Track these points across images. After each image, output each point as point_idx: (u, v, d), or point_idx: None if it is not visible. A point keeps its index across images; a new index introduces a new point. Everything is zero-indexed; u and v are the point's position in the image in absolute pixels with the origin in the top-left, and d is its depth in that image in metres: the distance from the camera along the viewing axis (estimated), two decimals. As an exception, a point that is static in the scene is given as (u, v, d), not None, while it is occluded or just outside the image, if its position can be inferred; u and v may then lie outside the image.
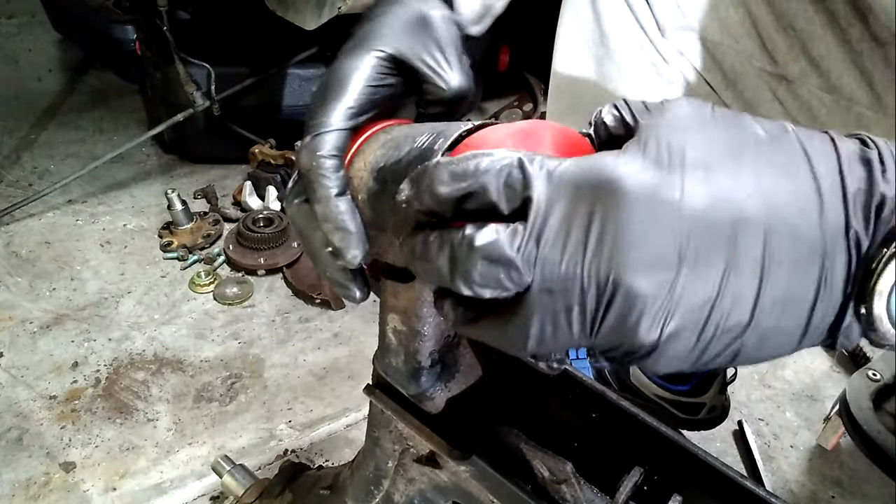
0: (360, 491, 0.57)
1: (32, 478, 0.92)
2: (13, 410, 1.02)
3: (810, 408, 1.13)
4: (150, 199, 1.62)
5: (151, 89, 1.80)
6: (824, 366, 1.24)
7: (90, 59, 2.32)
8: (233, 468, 0.81)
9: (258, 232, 1.37)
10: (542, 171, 0.27)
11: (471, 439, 0.51)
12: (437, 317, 0.41)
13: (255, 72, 1.65)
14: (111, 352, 1.15)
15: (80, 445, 0.97)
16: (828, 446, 1.04)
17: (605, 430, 0.47)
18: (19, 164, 1.75)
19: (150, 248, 1.44)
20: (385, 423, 0.51)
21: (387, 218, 0.38)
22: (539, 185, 0.27)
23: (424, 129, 0.38)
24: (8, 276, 1.32)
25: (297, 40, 1.66)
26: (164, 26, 1.49)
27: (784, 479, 1.01)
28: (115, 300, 1.27)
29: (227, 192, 1.66)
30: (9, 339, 1.16)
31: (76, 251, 1.41)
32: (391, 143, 0.39)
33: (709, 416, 1.01)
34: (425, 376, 0.44)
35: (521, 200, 0.28)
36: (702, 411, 1.01)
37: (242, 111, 1.68)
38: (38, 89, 2.18)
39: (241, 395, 1.07)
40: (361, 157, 0.40)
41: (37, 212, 1.53)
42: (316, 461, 0.98)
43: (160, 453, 0.97)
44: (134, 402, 1.05)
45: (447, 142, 0.34)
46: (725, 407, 1.03)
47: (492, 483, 0.44)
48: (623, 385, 1.02)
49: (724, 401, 1.02)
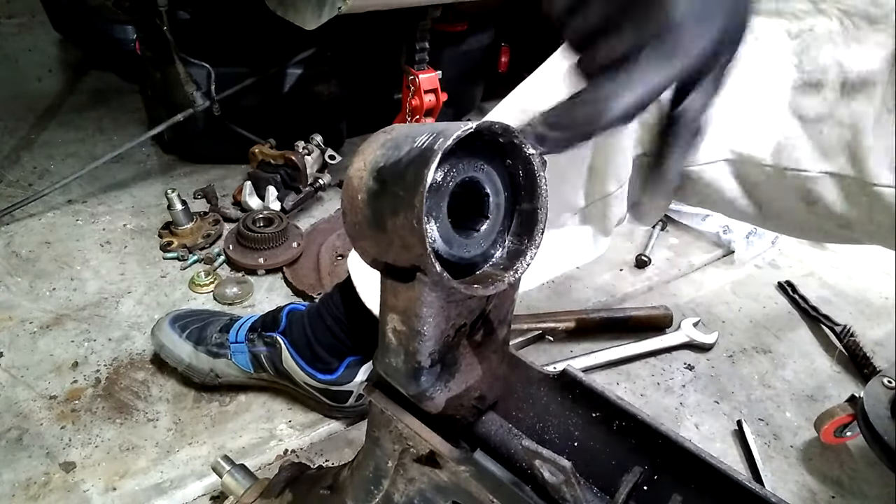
0: (360, 491, 0.57)
1: (32, 478, 0.92)
2: (13, 410, 1.02)
3: (810, 408, 1.13)
4: (150, 199, 1.62)
5: (151, 89, 1.81)
6: (824, 366, 1.24)
7: (90, 59, 2.32)
8: (233, 468, 0.81)
9: (258, 232, 1.37)
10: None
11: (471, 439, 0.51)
12: (437, 317, 0.41)
13: (255, 72, 1.65)
14: (111, 352, 1.15)
15: (80, 445, 0.97)
16: (820, 436, 1.05)
17: (605, 430, 0.47)
18: (19, 164, 1.75)
19: (150, 248, 1.44)
20: (385, 423, 0.51)
21: (387, 217, 0.38)
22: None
23: (424, 129, 0.38)
24: (8, 276, 1.32)
25: (297, 40, 1.66)
26: (164, 26, 1.49)
27: (784, 479, 1.01)
28: (115, 300, 1.27)
29: (227, 192, 1.67)
30: (9, 339, 1.16)
31: (76, 251, 1.42)
32: (391, 143, 0.39)
33: (357, 403, 1.02)
34: (425, 376, 0.44)
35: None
36: (349, 399, 1.01)
37: (242, 111, 1.68)
38: (38, 89, 2.18)
39: (241, 395, 1.07)
40: (361, 157, 0.40)
41: (37, 212, 1.53)
42: (316, 461, 0.98)
43: (160, 453, 0.97)
44: (134, 402, 1.05)
45: (447, 141, 0.34)
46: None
47: (492, 483, 0.44)
48: (277, 370, 1.01)
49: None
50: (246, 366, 1.02)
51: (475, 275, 0.41)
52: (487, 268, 0.42)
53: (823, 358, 1.26)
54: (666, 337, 1.26)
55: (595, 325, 1.26)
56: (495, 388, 0.51)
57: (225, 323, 1.07)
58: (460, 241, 0.39)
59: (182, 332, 1.05)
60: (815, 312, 1.35)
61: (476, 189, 0.40)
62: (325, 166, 1.69)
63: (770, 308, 1.40)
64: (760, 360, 1.25)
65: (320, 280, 1.34)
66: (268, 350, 1.01)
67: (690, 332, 1.26)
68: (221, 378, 1.04)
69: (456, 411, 0.49)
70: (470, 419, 0.51)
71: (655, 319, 1.29)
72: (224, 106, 1.64)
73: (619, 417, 0.46)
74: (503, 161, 0.41)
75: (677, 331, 1.27)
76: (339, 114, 1.85)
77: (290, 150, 1.59)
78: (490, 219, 0.41)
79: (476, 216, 0.41)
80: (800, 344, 1.30)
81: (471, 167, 0.39)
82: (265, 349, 1.01)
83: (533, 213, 0.41)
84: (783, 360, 1.25)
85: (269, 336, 1.01)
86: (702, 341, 1.25)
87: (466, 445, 0.49)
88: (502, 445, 0.50)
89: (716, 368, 1.22)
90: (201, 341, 1.04)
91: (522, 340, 1.23)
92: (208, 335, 1.05)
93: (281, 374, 1.01)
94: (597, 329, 1.26)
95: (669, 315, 1.30)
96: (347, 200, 0.41)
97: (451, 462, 0.45)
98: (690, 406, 1.13)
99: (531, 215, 0.42)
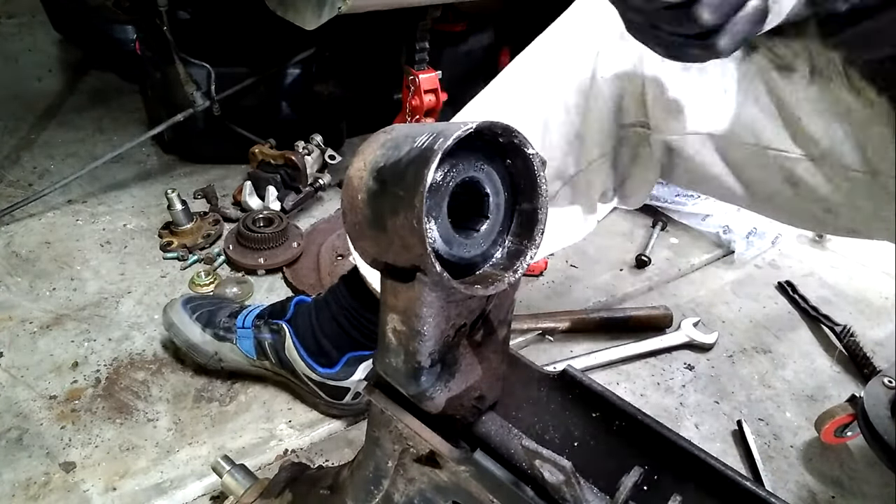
0: (360, 491, 0.57)
1: (32, 478, 0.92)
2: (13, 410, 1.02)
3: (810, 408, 1.13)
4: (150, 199, 1.62)
5: (151, 89, 1.81)
6: (824, 366, 1.24)
7: (90, 59, 2.32)
8: (233, 468, 0.81)
9: (258, 232, 1.37)
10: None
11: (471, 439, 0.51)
12: (437, 317, 0.41)
13: (255, 72, 1.65)
14: (111, 352, 1.15)
15: (80, 445, 0.97)
16: (821, 436, 1.05)
17: (605, 430, 0.47)
18: (19, 164, 1.75)
19: (150, 248, 1.44)
20: (385, 423, 0.51)
21: (387, 217, 0.38)
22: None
23: (424, 129, 0.38)
24: (8, 276, 1.32)
25: (297, 40, 1.66)
26: (164, 26, 1.49)
27: (784, 479, 1.01)
28: (115, 300, 1.27)
29: (227, 192, 1.67)
30: (9, 339, 1.16)
31: (76, 251, 1.41)
32: (391, 143, 0.39)
33: (354, 401, 1.02)
34: (425, 376, 0.44)
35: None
36: (347, 396, 1.01)
37: (242, 111, 1.68)
38: (38, 89, 2.18)
39: (241, 395, 1.07)
40: (361, 157, 0.40)
41: (37, 212, 1.53)
42: (316, 461, 0.98)
43: (160, 453, 0.97)
44: (134, 402, 1.05)
45: (447, 141, 0.34)
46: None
47: (492, 483, 0.44)
48: (279, 359, 1.02)
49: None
50: (250, 352, 1.03)
51: (475, 275, 0.41)
52: (487, 268, 0.42)
53: (823, 358, 1.26)
54: (666, 337, 1.26)
55: (595, 325, 1.26)
56: (495, 388, 0.51)
57: (235, 309, 1.09)
58: (460, 241, 0.39)
59: (193, 314, 1.07)
60: (815, 312, 1.35)
61: (476, 189, 0.40)
62: (325, 166, 1.69)
63: (770, 308, 1.40)
64: (760, 360, 1.25)
65: (320, 280, 1.34)
66: (272, 337, 1.02)
67: (690, 332, 1.26)
68: (224, 363, 1.05)
69: (456, 411, 0.49)
70: (470, 419, 0.51)
71: (655, 319, 1.29)
72: (224, 106, 1.63)
73: (619, 417, 0.46)
74: (503, 161, 0.41)
75: (677, 331, 1.27)
76: (339, 114, 1.85)
77: (290, 150, 1.59)
78: (490, 219, 0.41)
79: (476, 216, 0.41)
80: (800, 344, 1.30)
81: (471, 167, 0.39)
82: (270, 336, 1.02)
83: (533, 213, 0.41)
84: (783, 360, 1.25)
85: (276, 323, 1.02)
86: (702, 341, 1.25)
87: (466, 445, 0.49)
88: (502, 445, 0.50)
89: (716, 368, 1.22)
90: (210, 324, 1.06)
91: (522, 340, 1.23)
92: (218, 319, 1.07)
93: (282, 364, 1.02)
94: (597, 329, 1.26)
95: (669, 315, 1.30)
96: (347, 200, 0.41)
97: (451, 462, 0.45)
98: (690, 406, 1.13)
99: (531, 215, 0.42)
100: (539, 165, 0.40)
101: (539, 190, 0.41)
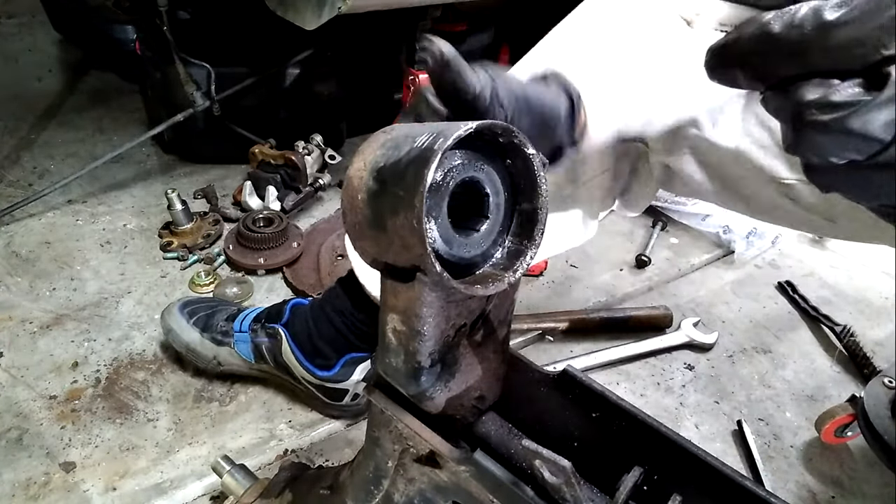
0: (360, 491, 0.57)
1: (32, 478, 0.92)
2: (13, 410, 1.02)
3: (810, 408, 1.13)
4: (150, 199, 1.62)
5: (151, 89, 1.81)
6: (824, 366, 1.24)
7: (90, 59, 2.32)
8: (233, 468, 0.81)
9: (258, 232, 1.37)
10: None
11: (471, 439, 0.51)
12: (437, 317, 0.41)
13: (255, 72, 1.65)
14: (111, 352, 1.15)
15: (80, 445, 0.97)
16: (821, 436, 1.05)
17: (605, 430, 0.47)
18: (19, 164, 1.75)
19: (150, 248, 1.44)
20: (385, 423, 0.51)
21: (387, 217, 0.38)
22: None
23: (424, 129, 0.38)
24: (8, 276, 1.32)
25: (297, 40, 1.66)
26: (164, 26, 1.49)
27: (784, 479, 1.01)
28: (115, 300, 1.27)
29: (227, 192, 1.67)
30: (9, 339, 1.16)
31: (76, 251, 1.41)
32: (391, 143, 0.39)
33: (353, 402, 1.02)
34: (425, 376, 0.44)
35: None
36: (345, 397, 1.01)
37: (242, 111, 1.68)
38: (38, 89, 2.18)
39: (241, 395, 1.07)
40: (361, 157, 0.40)
41: (37, 212, 1.53)
42: (316, 461, 0.98)
43: (160, 453, 0.97)
44: (134, 402, 1.05)
45: (447, 141, 0.34)
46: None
47: (492, 483, 0.44)
48: (276, 362, 1.02)
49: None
50: (248, 355, 1.03)
51: (475, 275, 0.41)
52: (487, 268, 0.42)
53: (823, 358, 1.26)
54: (666, 337, 1.26)
55: (595, 325, 1.26)
56: (495, 388, 0.51)
57: (232, 312, 1.09)
58: (460, 241, 0.39)
59: (190, 318, 1.07)
60: (815, 312, 1.35)
61: (476, 189, 0.40)
62: (325, 166, 1.69)
63: (770, 308, 1.40)
64: (760, 360, 1.25)
65: (320, 280, 1.34)
66: (269, 341, 1.02)
67: (690, 332, 1.26)
68: (223, 366, 1.05)
69: (456, 411, 0.49)
70: (470, 419, 0.51)
71: (655, 319, 1.29)
72: (224, 106, 1.64)
73: (619, 417, 0.46)
74: (503, 161, 0.41)
75: (677, 331, 1.27)
76: (339, 114, 1.85)
77: (290, 150, 1.59)
78: (490, 219, 0.41)
79: (476, 216, 0.41)
80: (800, 344, 1.30)
81: (471, 167, 0.38)
82: (267, 340, 1.02)
83: (533, 213, 0.41)
84: (783, 360, 1.25)
85: (272, 327, 1.02)
86: (702, 341, 1.25)
87: (466, 445, 0.49)
88: (502, 445, 0.50)
89: (716, 368, 1.22)
90: (208, 328, 1.06)
91: (522, 340, 1.23)
92: (215, 323, 1.06)
93: (280, 367, 1.02)
94: (597, 329, 1.26)
95: (669, 315, 1.30)
96: (347, 200, 0.41)
97: (451, 462, 0.45)
98: (690, 406, 1.13)
99: (531, 215, 0.42)
100: (539, 165, 0.40)
101: (539, 190, 0.41)
